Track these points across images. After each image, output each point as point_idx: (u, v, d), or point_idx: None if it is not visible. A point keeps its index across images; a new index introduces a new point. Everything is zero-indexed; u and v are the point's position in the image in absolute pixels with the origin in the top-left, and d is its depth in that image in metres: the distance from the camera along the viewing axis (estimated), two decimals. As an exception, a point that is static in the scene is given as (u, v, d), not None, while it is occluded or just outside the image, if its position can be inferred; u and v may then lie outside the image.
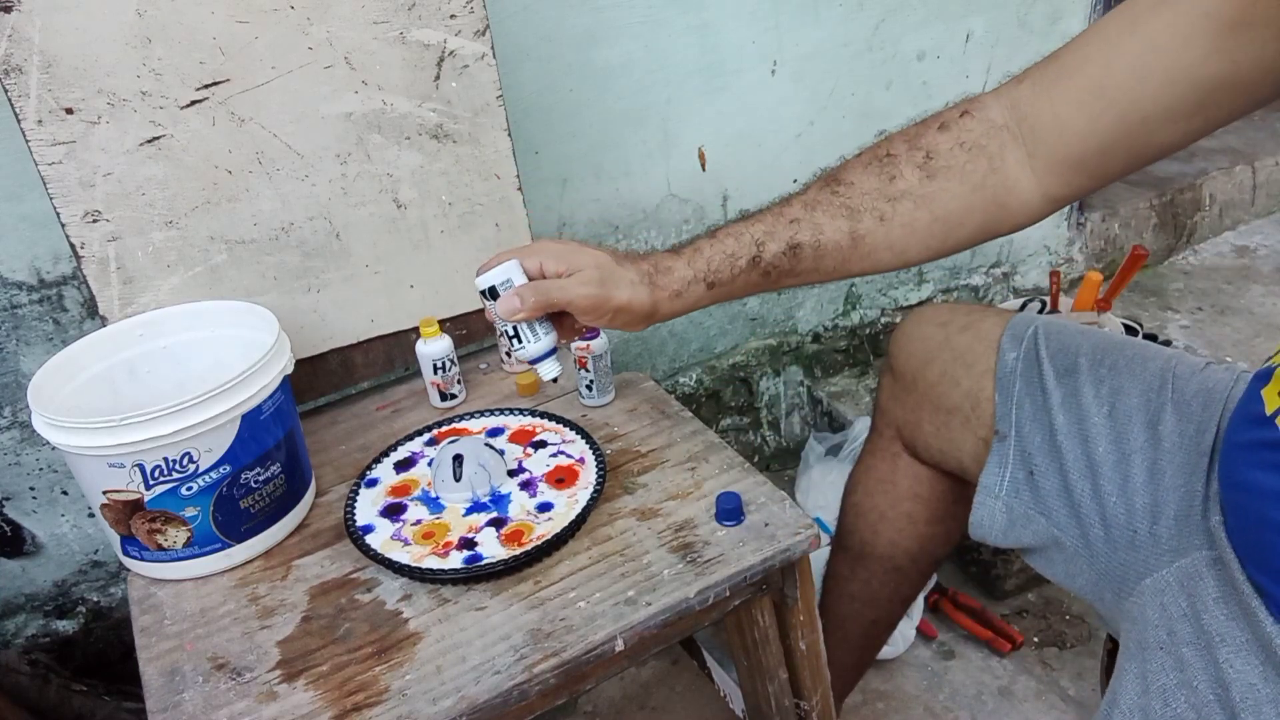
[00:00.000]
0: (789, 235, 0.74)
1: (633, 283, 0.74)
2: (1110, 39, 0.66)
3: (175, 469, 0.78)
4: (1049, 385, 0.84)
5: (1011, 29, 1.60)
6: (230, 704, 0.71)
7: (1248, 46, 0.60)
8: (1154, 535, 0.74)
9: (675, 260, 0.75)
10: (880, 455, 1.01)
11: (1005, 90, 0.73)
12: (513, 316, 0.75)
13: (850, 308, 1.73)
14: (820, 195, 0.75)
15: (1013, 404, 0.85)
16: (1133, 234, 2.12)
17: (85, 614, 1.23)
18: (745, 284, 0.76)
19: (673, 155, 1.40)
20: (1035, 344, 0.86)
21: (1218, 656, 0.62)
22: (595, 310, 0.73)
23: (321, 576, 0.83)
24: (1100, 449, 0.79)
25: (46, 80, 0.83)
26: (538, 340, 0.78)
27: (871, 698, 1.29)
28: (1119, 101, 0.65)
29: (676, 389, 1.58)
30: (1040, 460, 0.82)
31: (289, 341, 0.88)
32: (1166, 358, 0.82)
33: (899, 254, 0.75)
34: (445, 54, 0.99)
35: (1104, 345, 0.85)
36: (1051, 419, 0.82)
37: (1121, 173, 0.70)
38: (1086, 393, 0.81)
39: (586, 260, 0.74)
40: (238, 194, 0.95)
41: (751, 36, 1.38)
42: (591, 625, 0.74)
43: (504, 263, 0.76)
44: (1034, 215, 0.74)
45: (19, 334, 1.07)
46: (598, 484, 0.87)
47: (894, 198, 0.73)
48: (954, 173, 0.72)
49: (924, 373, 0.93)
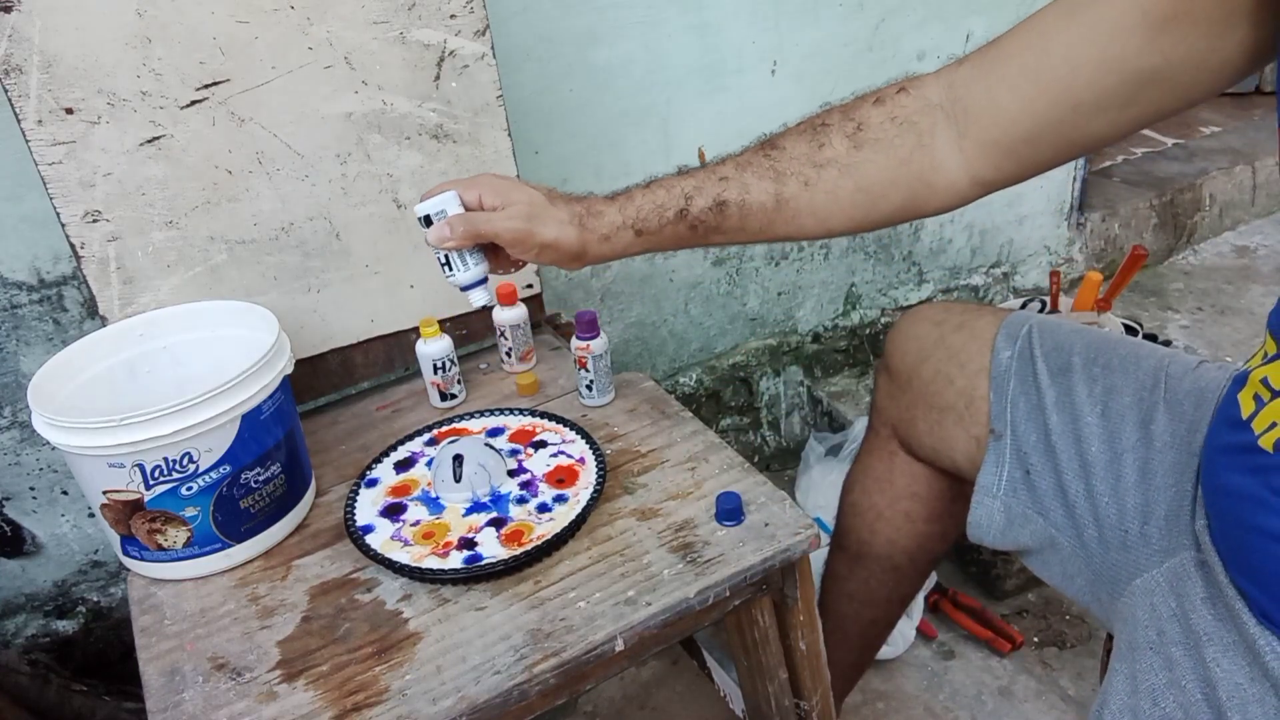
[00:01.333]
0: (716, 192, 0.76)
1: (561, 221, 0.77)
2: (1048, 26, 0.66)
3: (175, 469, 0.78)
4: (1043, 384, 0.84)
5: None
6: (230, 704, 0.71)
7: (1179, 42, 0.60)
8: (1144, 535, 0.75)
9: (607, 206, 0.78)
10: (877, 454, 1.01)
11: (945, 71, 0.74)
12: (442, 244, 0.77)
13: (850, 307, 1.73)
14: (753, 157, 0.77)
15: (1007, 402, 0.85)
16: (1133, 234, 2.12)
17: (85, 614, 1.23)
18: (673, 235, 0.78)
19: (673, 155, 1.40)
20: (1030, 342, 0.87)
21: (1205, 656, 0.62)
22: (521, 244, 0.77)
23: (321, 576, 0.83)
24: (1093, 449, 0.79)
25: (46, 80, 0.83)
26: (467, 270, 0.81)
27: (871, 698, 1.29)
28: (1052, 88, 0.66)
29: (676, 389, 1.58)
30: (1036, 460, 0.83)
31: (289, 341, 0.88)
32: (1160, 356, 0.82)
33: (821, 221, 0.76)
34: (445, 54, 0.99)
35: (1098, 344, 0.85)
36: (1046, 418, 0.83)
37: (1050, 162, 0.71)
38: (1080, 392, 0.82)
39: (520, 196, 0.77)
40: (238, 194, 0.95)
41: (751, 36, 1.38)
42: (591, 625, 0.74)
43: (444, 193, 0.78)
44: (960, 197, 0.75)
45: (19, 334, 1.07)
46: (598, 484, 0.87)
47: (820, 164, 0.74)
48: (881, 145, 0.73)
49: (919, 371, 0.93)
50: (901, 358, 0.95)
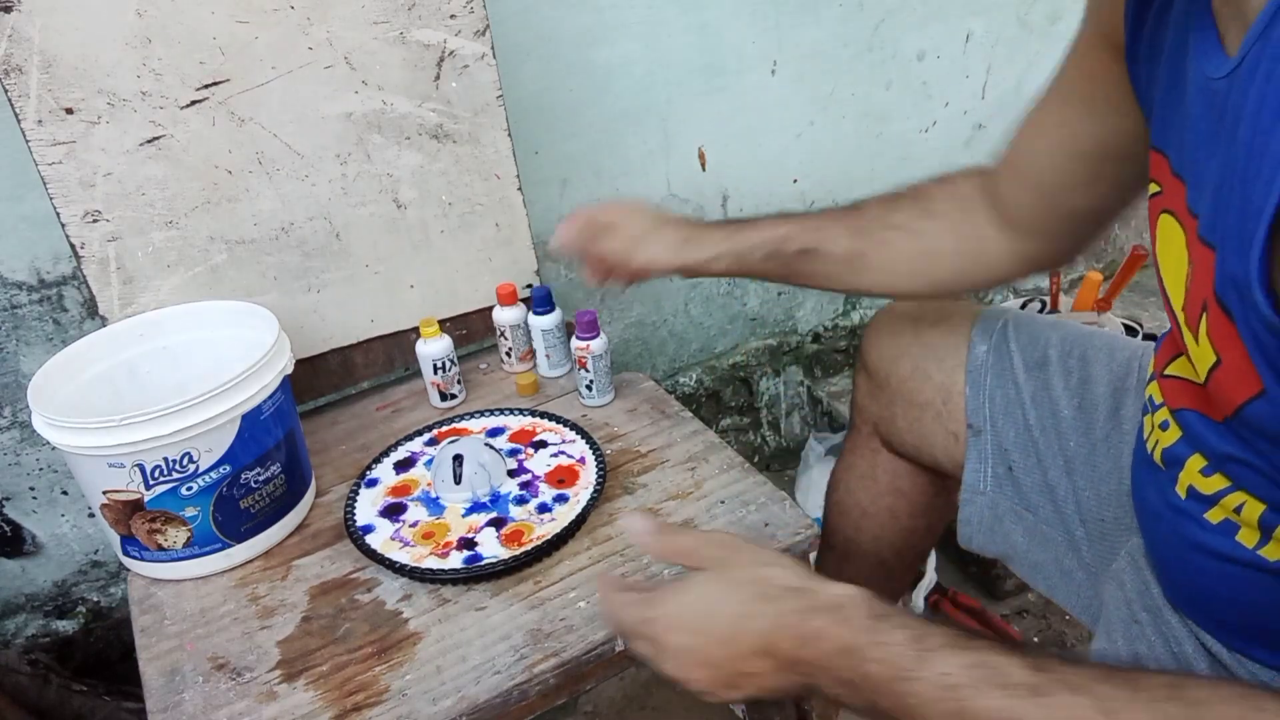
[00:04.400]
0: (805, 239, 0.84)
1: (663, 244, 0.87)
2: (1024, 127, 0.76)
3: (175, 469, 0.78)
4: (1020, 378, 0.85)
5: (1011, 29, 1.59)
6: (230, 704, 0.71)
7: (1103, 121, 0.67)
8: (1117, 519, 0.76)
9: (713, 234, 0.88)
10: (859, 452, 1.01)
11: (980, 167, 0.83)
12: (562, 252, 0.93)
13: (850, 307, 1.73)
14: (841, 214, 0.85)
15: (984, 397, 0.86)
16: (1133, 234, 2.12)
17: (85, 614, 1.23)
18: (762, 269, 0.87)
19: (673, 155, 1.40)
20: (1005, 336, 0.87)
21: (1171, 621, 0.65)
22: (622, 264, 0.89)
23: (321, 576, 0.83)
24: (1072, 443, 0.80)
25: (46, 80, 0.83)
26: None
27: (871, 698, 1.29)
28: (1030, 178, 0.75)
29: (676, 389, 1.58)
30: (1018, 456, 0.83)
31: (289, 341, 0.88)
32: (1135, 347, 0.83)
33: (887, 277, 0.84)
34: (445, 54, 0.99)
35: (1073, 336, 0.86)
36: (1025, 413, 0.83)
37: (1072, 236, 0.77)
38: (1057, 385, 0.83)
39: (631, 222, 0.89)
40: (238, 194, 0.95)
41: (751, 36, 1.38)
42: (591, 625, 0.74)
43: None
44: (1012, 270, 0.81)
45: (19, 334, 1.07)
46: (598, 484, 0.87)
47: (892, 227, 0.82)
48: (941, 216, 0.81)
49: (895, 368, 0.93)
50: (879, 355, 0.95)
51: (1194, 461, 0.58)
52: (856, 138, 1.54)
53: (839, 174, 1.57)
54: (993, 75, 1.61)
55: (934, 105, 1.60)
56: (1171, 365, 0.61)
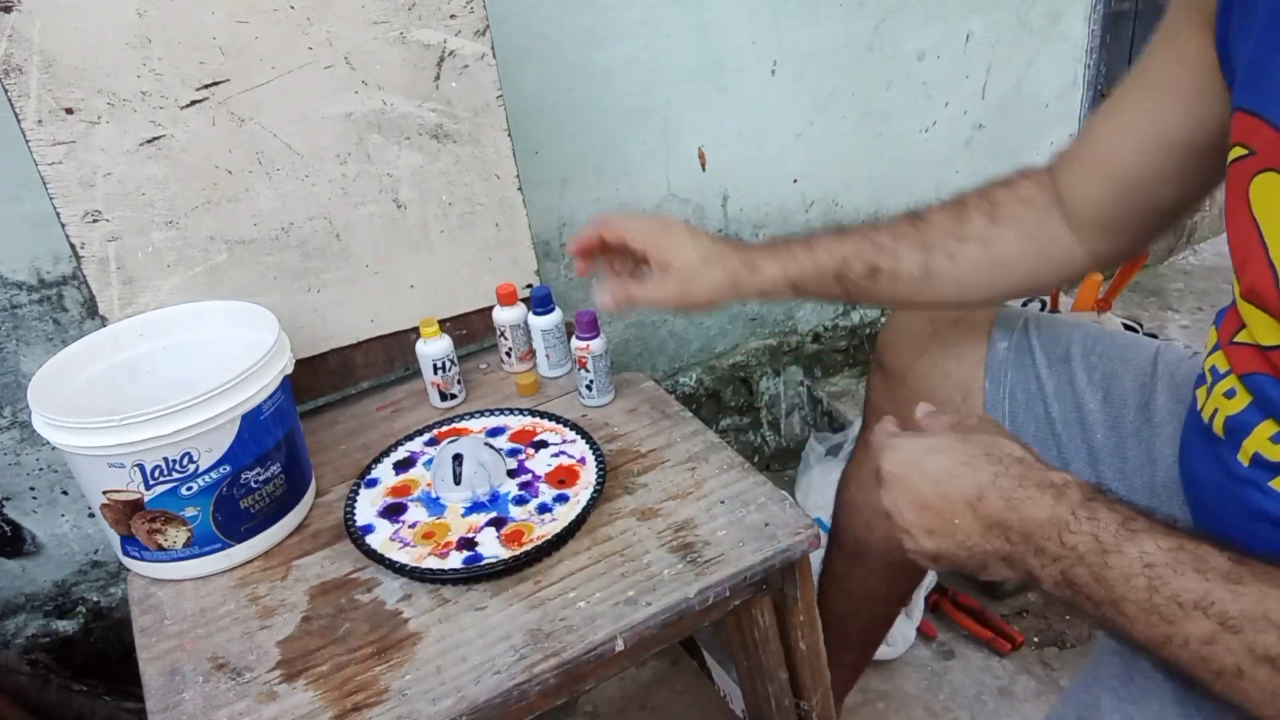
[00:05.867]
0: (871, 259, 0.81)
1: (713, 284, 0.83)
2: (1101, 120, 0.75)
3: (175, 469, 0.78)
4: (1042, 373, 0.85)
5: (1011, 29, 1.59)
6: (230, 704, 0.71)
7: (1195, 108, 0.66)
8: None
9: (768, 260, 0.83)
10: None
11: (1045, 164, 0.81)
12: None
13: (850, 307, 1.73)
14: (904, 228, 0.82)
15: (1004, 392, 0.86)
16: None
17: (85, 614, 1.23)
18: (826, 292, 0.84)
19: (673, 155, 1.40)
20: (1026, 334, 0.88)
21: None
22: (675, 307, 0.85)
23: (321, 576, 0.83)
24: (1099, 435, 0.81)
25: (46, 80, 0.83)
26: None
27: (871, 698, 1.29)
28: (1111, 172, 0.73)
29: (676, 389, 1.58)
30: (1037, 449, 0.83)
31: (289, 341, 0.88)
32: (1155, 346, 0.84)
33: (961, 290, 0.81)
34: (445, 54, 0.99)
35: (1094, 334, 0.87)
36: (1047, 407, 0.84)
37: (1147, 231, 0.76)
38: (1080, 379, 0.83)
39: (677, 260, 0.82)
40: (238, 194, 0.95)
41: (751, 37, 1.38)
42: (591, 625, 0.74)
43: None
44: (1081, 269, 0.80)
45: (19, 334, 1.07)
46: (598, 484, 0.87)
47: (963, 239, 0.80)
48: (1013, 222, 0.79)
49: (914, 366, 0.93)
50: (897, 355, 0.96)
51: (1264, 428, 0.58)
52: (856, 138, 1.55)
53: (839, 174, 1.57)
54: (993, 75, 1.62)
55: (934, 105, 1.60)
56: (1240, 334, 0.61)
